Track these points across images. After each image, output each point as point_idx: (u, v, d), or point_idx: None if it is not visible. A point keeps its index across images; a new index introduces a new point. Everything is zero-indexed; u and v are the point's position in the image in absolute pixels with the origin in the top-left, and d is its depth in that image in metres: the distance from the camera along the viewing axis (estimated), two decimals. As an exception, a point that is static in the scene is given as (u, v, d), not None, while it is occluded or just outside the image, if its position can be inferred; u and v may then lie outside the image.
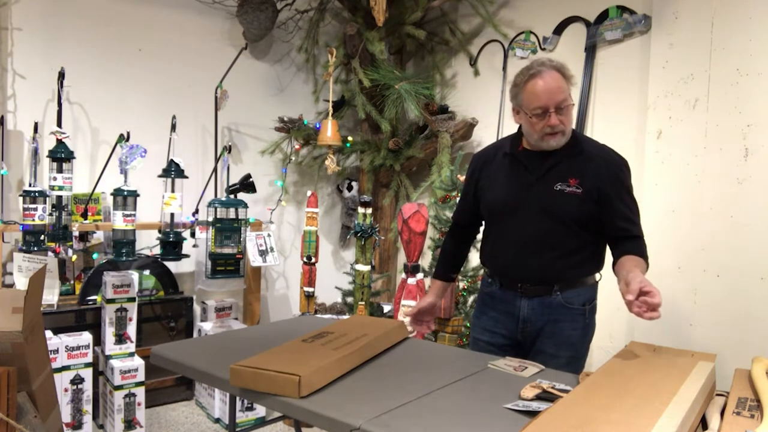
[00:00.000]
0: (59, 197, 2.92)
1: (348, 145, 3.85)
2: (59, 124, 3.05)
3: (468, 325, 2.88)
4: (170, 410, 3.38)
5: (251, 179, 3.41)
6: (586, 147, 1.96)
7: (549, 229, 1.93)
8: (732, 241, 2.54)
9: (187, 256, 3.16)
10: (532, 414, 1.39)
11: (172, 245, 3.08)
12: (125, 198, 2.88)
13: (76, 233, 3.09)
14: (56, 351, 2.79)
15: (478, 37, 3.84)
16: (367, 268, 3.06)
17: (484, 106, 3.72)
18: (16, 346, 1.61)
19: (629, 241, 1.91)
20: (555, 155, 1.95)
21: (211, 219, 3.19)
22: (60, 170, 2.89)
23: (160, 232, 3.12)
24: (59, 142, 2.90)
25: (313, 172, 4.07)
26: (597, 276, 2.06)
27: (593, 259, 2.01)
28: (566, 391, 1.49)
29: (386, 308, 3.32)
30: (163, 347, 2.01)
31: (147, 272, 3.39)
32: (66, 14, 3.29)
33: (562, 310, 1.97)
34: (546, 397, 1.50)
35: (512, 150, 2.04)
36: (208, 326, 3.41)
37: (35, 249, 2.87)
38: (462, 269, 2.81)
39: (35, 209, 2.84)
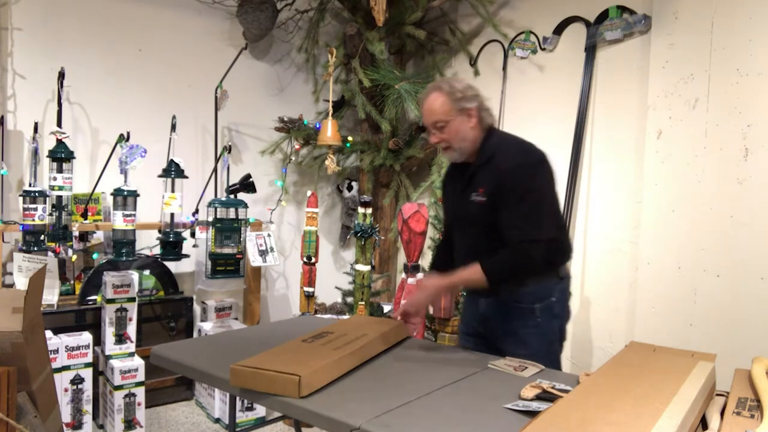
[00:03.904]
0: (59, 197, 2.92)
1: (348, 145, 3.84)
2: (59, 124, 3.05)
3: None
4: (170, 410, 3.38)
5: (251, 179, 3.41)
6: (495, 154, 1.98)
7: (474, 237, 2.04)
8: (732, 241, 2.54)
9: (187, 256, 3.16)
10: (532, 414, 1.39)
11: (172, 245, 3.08)
12: (125, 198, 2.88)
13: (76, 233, 3.09)
14: (56, 351, 2.79)
15: (478, 37, 3.84)
16: (367, 268, 3.06)
17: (484, 106, 3.72)
18: (16, 346, 1.61)
19: (506, 248, 1.90)
20: (471, 166, 2.04)
21: (211, 219, 3.19)
22: (60, 170, 2.89)
23: (160, 232, 3.12)
24: (59, 142, 2.90)
25: (313, 172, 4.07)
26: (560, 272, 2.02)
27: None
28: (566, 391, 1.49)
29: (386, 308, 3.32)
30: (163, 347, 2.01)
31: (147, 272, 3.39)
32: (66, 14, 3.29)
33: (511, 308, 2.01)
34: (546, 397, 1.50)
35: (450, 165, 2.19)
36: (208, 326, 3.41)
37: (35, 249, 2.87)
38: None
39: (35, 209, 2.84)
